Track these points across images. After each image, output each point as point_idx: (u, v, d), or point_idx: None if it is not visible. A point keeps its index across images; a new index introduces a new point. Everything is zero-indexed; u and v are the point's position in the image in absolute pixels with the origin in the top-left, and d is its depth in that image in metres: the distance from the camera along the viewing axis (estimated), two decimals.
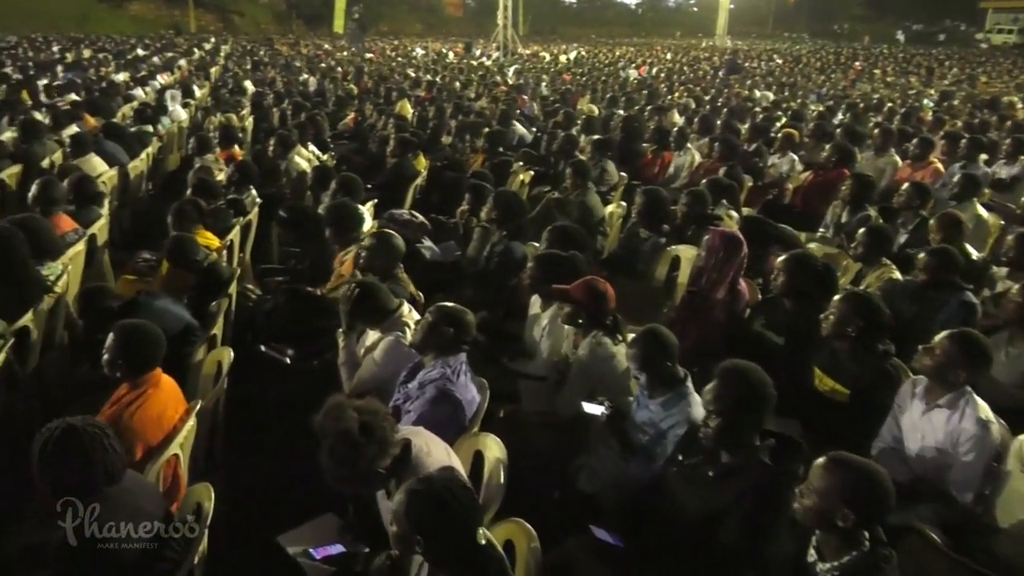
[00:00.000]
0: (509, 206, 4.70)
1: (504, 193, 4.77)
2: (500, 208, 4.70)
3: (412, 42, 37.00)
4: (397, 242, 3.91)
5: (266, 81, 16.34)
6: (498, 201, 4.71)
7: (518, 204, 4.77)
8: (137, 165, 7.47)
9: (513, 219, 4.70)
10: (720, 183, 5.66)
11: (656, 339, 2.93)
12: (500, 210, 4.69)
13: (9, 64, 17.59)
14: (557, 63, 25.12)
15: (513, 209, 4.71)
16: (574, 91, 14.93)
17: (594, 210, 5.68)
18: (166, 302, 3.77)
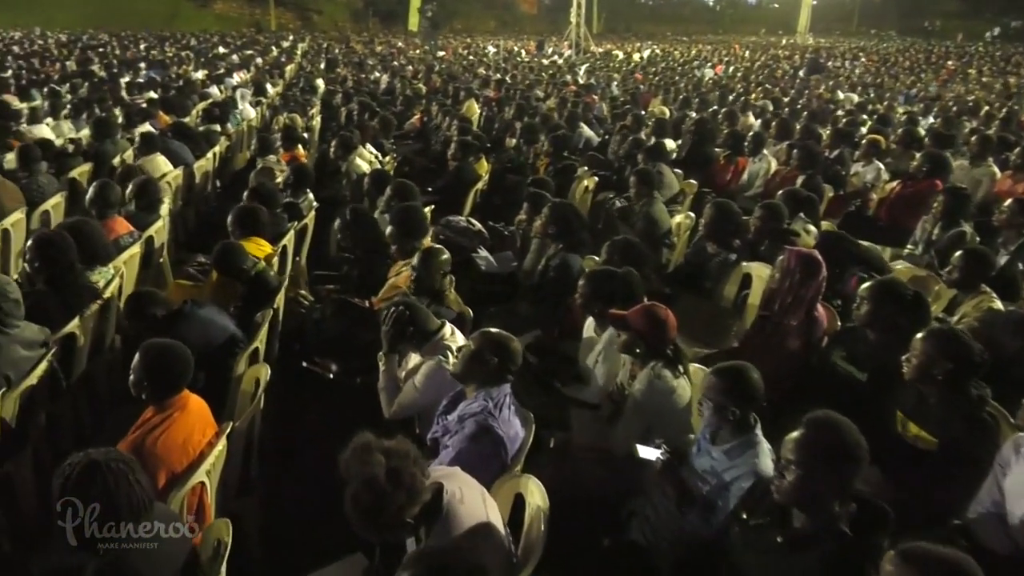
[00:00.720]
0: (566, 219, 4.45)
1: (561, 205, 4.51)
2: (557, 220, 4.45)
3: (485, 40, 37.04)
4: (443, 259, 3.71)
5: (338, 80, 16.50)
6: (555, 213, 4.46)
7: (576, 217, 4.51)
8: (203, 165, 7.51)
9: (571, 232, 4.45)
10: (798, 195, 5.27)
11: (742, 381, 2.61)
12: (557, 223, 4.44)
13: (96, 61, 18.24)
14: (630, 62, 24.66)
15: (571, 222, 4.45)
16: (645, 91, 14.52)
17: (659, 221, 5.36)
18: (212, 312, 3.66)
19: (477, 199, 7.02)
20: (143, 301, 3.86)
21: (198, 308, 3.63)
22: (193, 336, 3.51)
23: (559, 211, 4.47)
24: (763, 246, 4.84)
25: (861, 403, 3.26)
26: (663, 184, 6.60)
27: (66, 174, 6.89)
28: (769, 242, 4.75)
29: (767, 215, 4.78)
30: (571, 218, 4.47)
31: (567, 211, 4.49)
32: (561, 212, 4.46)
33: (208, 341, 3.53)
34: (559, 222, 4.45)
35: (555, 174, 7.08)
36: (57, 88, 12.02)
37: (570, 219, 4.46)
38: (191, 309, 3.61)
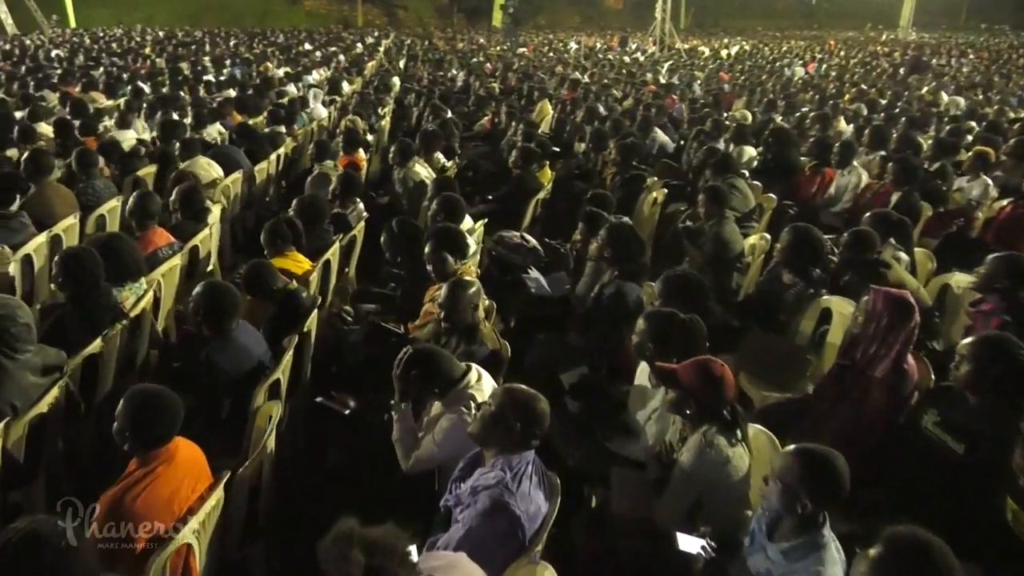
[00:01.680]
0: (624, 242, 4.04)
1: (619, 227, 4.10)
2: (613, 243, 4.04)
3: (568, 36, 36.54)
4: (472, 291, 3.36)
5: (414, 77, 16.40)
6: (611, 235, 4.05)
7: (635, 240, 4.09)
8: (263, 168, 7.40)
9: (628, 258, 4.03)
10: (889, 218, 4.69)
11: (827, 472, 2.17)
12: (613, 246, 4.04)
13: (185, 59, 18.68)
14: (717, 59, 23.75)
15: (629, 245, 4.04)
16: (728, 92, 13.81)
17: (730, 243, 4.88)
18: (249, 337, 3.45)
19: (538, 209, 6.66)
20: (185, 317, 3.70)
21: (238, 333, 3.41)
22: (226, 362, 3.32)
23: (616, 233, 4.06)
24: (846, 277, 4.32)
25: (957, 481, 2.76)
26: (737, 199, 6.09)
27: (131, 175, 6.93)
28: (854, 274, 4.23)
29: (854, 243, 4.25)
30: (629, 241, 4.05)
31: (625, 233, 4.07)
32: (618, 234, 4.05)
33: (239, 368, 3.32)
34: (615, 245, 4.04)
35: (622, 184, 6.65)
36: (140, 86, 12.32)
37: (628, 242, 4.05)
38: (233, 333, 3.38)
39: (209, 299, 3.32)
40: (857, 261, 4.24)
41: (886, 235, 4.59)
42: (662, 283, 3.54)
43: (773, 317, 4.23)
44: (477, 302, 3.37)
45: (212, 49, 23.03)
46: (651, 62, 20.81)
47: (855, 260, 4.25)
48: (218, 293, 3.34)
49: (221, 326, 3.31)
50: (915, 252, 4.79)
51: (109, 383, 3.75)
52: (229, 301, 3.32)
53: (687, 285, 3.50)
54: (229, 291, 3.36)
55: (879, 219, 4.65)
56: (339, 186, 5.39)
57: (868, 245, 4.24)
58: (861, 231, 4.33)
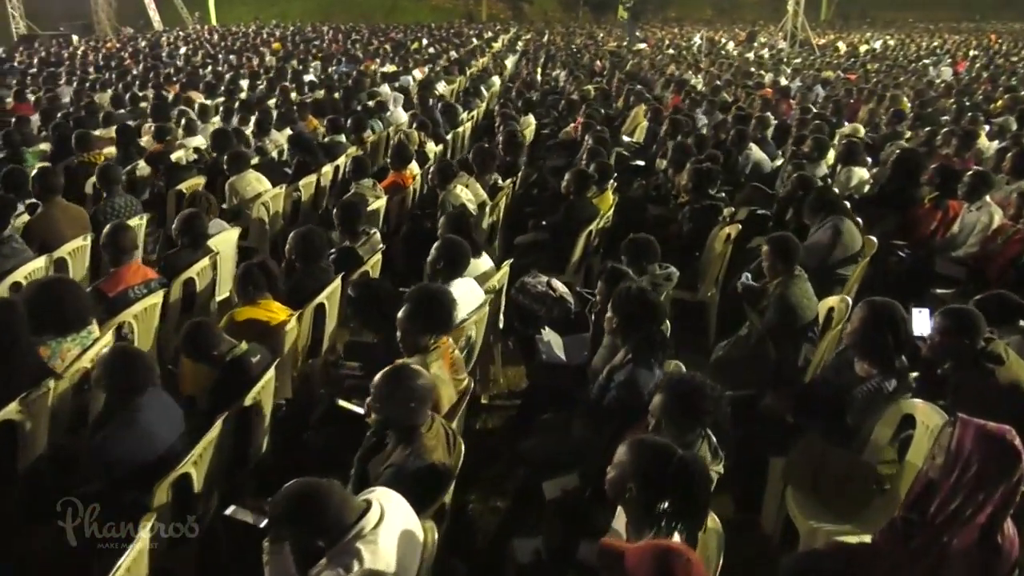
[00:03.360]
0: (632, 314, 3.20)
1: (629, 294, 3.24)
2: (619, 314, 3.22)
3: (695, 30, 34.86)
4: (417, 384, 2.64)
5: (519, 77, 15.78)
6: (619, 303, 3.23)
7: (648, 310, 3.23)
8: (310, 182, 6.98)
9: (640, 330, 3.19)
10: (1009, 302, 3.58)
11: None
12: (620, 316, 3.22)
13: (295, 58, 18.87)
14: (855, 56, 21.71)
15: (640, 319, 3.20)
16: (855, 98, 12.30)
17: (797, 310, 3.91)
18: (161, 414, 2.92)
19: (594, 239, 5.85)
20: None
21: (147, 411, 2.88)
22: (121, 449, 2.80)
23: (625, 301, 3.23)
24: (944, 366, 3.31)
25: None
26: (841, 246, 5.04)
27: (174, 187, 6.69)
28: (955, 367, 3.22)
29: (951, 327, 3.22)
30: (642, 314, 3.21)
31: (638, 303, 3.23)
32: (627, 304, 3.21)
33: (136, 457, 2.79)
34: (624, 317, 3.22)
35: (691, 216, 5.73)
36: (233, 88, 12.36)
37: (639, 315, 3.20)
38: (139, 412, 2.85)
39: (112, 367, 2.81)
40: (958, 349, 3.21)
41: (1004, 315, 3.52)
42: (663, 390, 2.67)
43: (838, 418, 3.28)
44: (422, 398, 2.66)
45: (328, 46, 23.35)
46: (776, 60, 19.19)
47: (956, 348, 3.23)
48: (124, 360, 2.82)
49: (126, 401, 2.79)
50: None
51: (40, 446, 3.34)
52: (138, 370, 2.80)
53: (688, 394, 2.62)
54: (138, 358, 2.84)
55: (995, 300, 3.56)
56: (338, 216, 4.80)
57: (970, 329, 3.20)
58: (960, 311, 3.28)
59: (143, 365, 2.84)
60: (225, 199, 6.38)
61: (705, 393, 2.59)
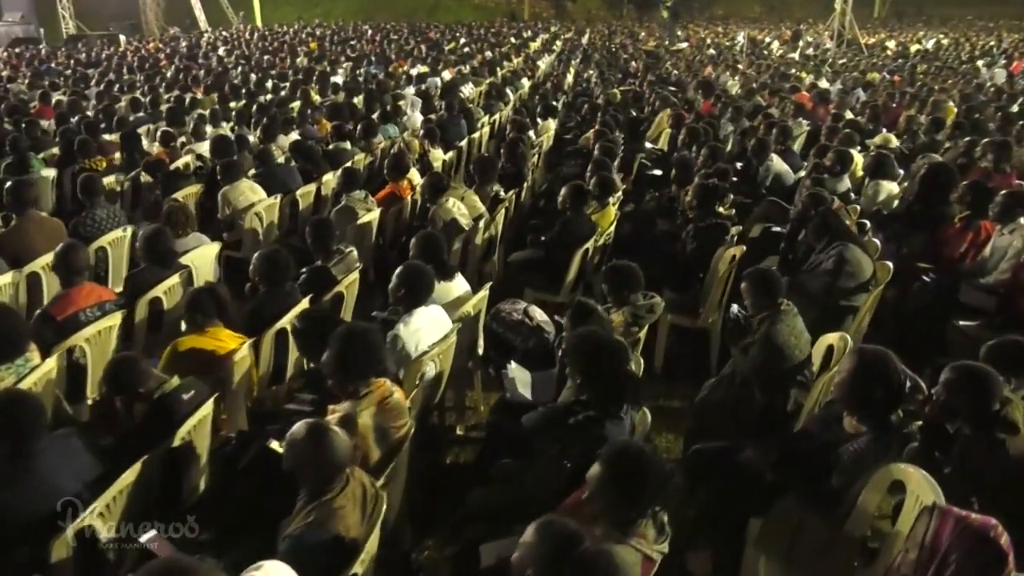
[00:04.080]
0: (588, 361, 2.88)
1: (583, 337, 2.92)
2: (574, 361, 2.90)
3: (740, 27, 34.01)
4: (326, 451, 2.35)
5: (551, 77, 15.44)
6: (571, 351, 2.91)
7: (606, 357, 2.90)
8: (309, 191, 6.78)
9: (598, 378, 2.87)
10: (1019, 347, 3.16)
11: None
12: (574, 364, 2.90)
13: (327, 59, 18.79)
14: (903, 56, 20.83)
15: (596, 365, 2.88)
16: (897, 102, 11.68)
17: (785, 350, 3.53)
18: (62, 461, 2.71)
19: (592, 257, 5.53)
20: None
21: (47, 458, 2.67)
22: (14, 503, 2.59)
23: (580, 348, 2.91)
24: (951, 428, 2.92)
25: None
26: (846, 274, 4.63)
27: (170, 195, 6.56)
28: (958, 436, 2.82)
29: (961, 385, 2.82)
30: (599, 361, 2.89)
31: (593, 348, 2.91)
32: (582, 350, 2.90)
33: (32, 510, 2.58)
34: (579, 364, 2.90)
35: (695, 235, 5.36)
36: (255, 90, 12.29)
37: (597, 362, 2.88)
38: (35, 460, 2.63)
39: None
40: (963, 412, 2.82)
41: (1017, 363, 3.10)
42: (602, 462, 2.34)
43: (821, 480, 2.92)
44: (333, 464, 2.37)
45: (364, 45, 23.30)
46: (820, 61, 18.47)
47: (960, 407, 2.83)
48: (10, 405, 2.61)
49: (17, 449, 2.58)
50: None
51: None
52: (26, 415, 2.59)
53: (632, 479, 2.28)
54: (24, 402, 2.63)
55: (1010, 350, 3.14)
56: (310, 234, 4.57)
57: (983, 389, 2.80)
58: (972, 369, 2.88)
59: (32, 409, 2.61)
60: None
61: (647, 473, 2.27)
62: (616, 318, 3.91)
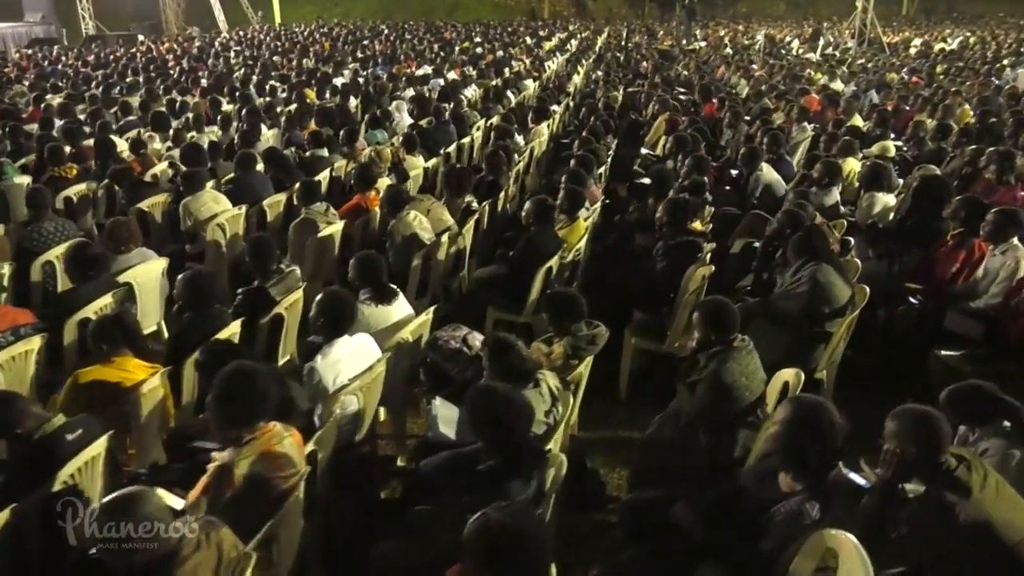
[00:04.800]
0: (488, 422, 2.61)
1: (485, 398, 2.64)
2: (475, 421, 2.64)
3: (765, 25, 33.42)
4: (136, 521, 2.07)
5: (557, 79, 15.13)
6: (472, 409, 2.65)
7: (504, 428, 2.62)
8: (279, 200, 6.58)
9: (498, 453, 2.61)
10: (987, 396, 2.84)
11: None
12: (475, 423, 2.64)
13: (333, 60, 18.60)
14: (927, 55, 20.21)
15: (494, 435, 2.61)
16: (910, 106, 11.22)
17: (734, 391, 3.23)
18: None
19: (562, 273, 5.27)
20: None
21: None
22: None
23: (476, 405, 2.64)
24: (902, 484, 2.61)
25: None
26: (819, 295, 4.30)
27: (136, 204, 6.41)
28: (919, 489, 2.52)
29: (902, 432, 2.51)
30: (494, 427, 2.62)
31: (491, 413, 2.64)
32: (479, 411, 2.63)
33: None
34: (479, 424, 2.64)
35: (664, 252, 5.07)
36: (249, 94, 12.13)
37: (493, 428, 2.62)
38: None
39: None
40: (908, 469, 2.52)
41: (978, 412, 2.79)
42: (476, 533, 2.07)
43: (751, 542, 2.63)
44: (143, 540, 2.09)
45: (375, 46, 23.14)
46: (837, 61, 17.95)
47: (905, 466, 2.53)
48: None
49: None
50: None
51: None
52: None
53: (502, 556, 2.01)
54: None
55: (966, 395, 2.82)
56: (248, 253, 4.35)
57: (930, 442, 2.50)
58: (914, 414, 2.56)
59: None
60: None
61: (520, 552, 2.01)
62: (556, 349, 3.64)
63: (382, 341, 3.92)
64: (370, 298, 4.02)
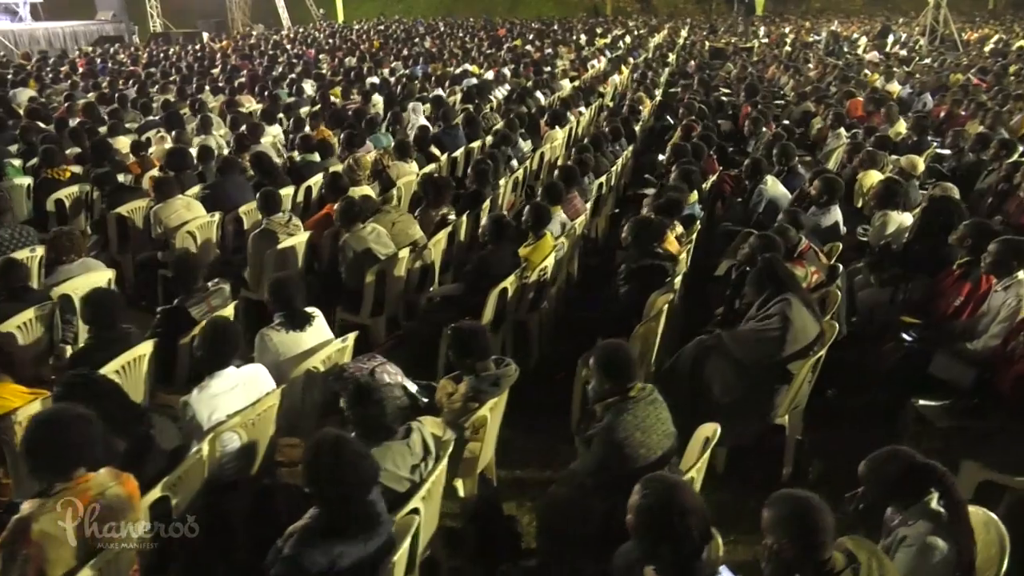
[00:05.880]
0: (319, 480, 2.32)
1: (319, 446, 2.35)
2: (306, 476, 2.35)
3: (833, 21, 32.01)
4: None
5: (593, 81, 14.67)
6: (305, 462, 2.35)
7: (330, 465, 2.32)
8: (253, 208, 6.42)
9: (332, 498, 2.32)
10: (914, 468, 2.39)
11: None
12: (306, 480, 2.35)
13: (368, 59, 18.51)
14: (1007, 52, 18.86)
15: (327, 482, 2.31)
16: (964, 112, 10.38)
17: (626, 450, 2.84)
18: None
19: (527, 293, 4.94)
20: None
21: None
22: None
23: (313, 459, 2.35)
24: None
25: None
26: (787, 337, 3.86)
27: (115, 208, 6.37)
28: None
29: (777, 523, 2.12)
30: (327, 470, 2.32)
31: (324, 455, 2.34)
32: (315, 465, 2.34)
33: None
34: (309, 481, 2.36)
35: (627, 277, 4.67)
36: (278, 93, 12.13)
37: (327, 472, 2.32)
38: None
39: None
40: (788, 560, 2.12)
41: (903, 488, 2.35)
42: None
43: None
44: None
45: (424, 43, 23.05)
46: (898, 61, 16.91)
47: (786, 559, 2.13)
48: None
49: None
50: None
51: None
52: None
53: None
54: None
55: (883, 465, 2.38)
56: (172, 270, 4.16)
57: (805, 533, 2.09)
58: (790, 502, 2.16)
59: None
60: None
61: None
62: (460, 388, 3.33)
63: (291, 369, 3.69)
64: (281, 324, 3.78)
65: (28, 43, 24.20)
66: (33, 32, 25.31)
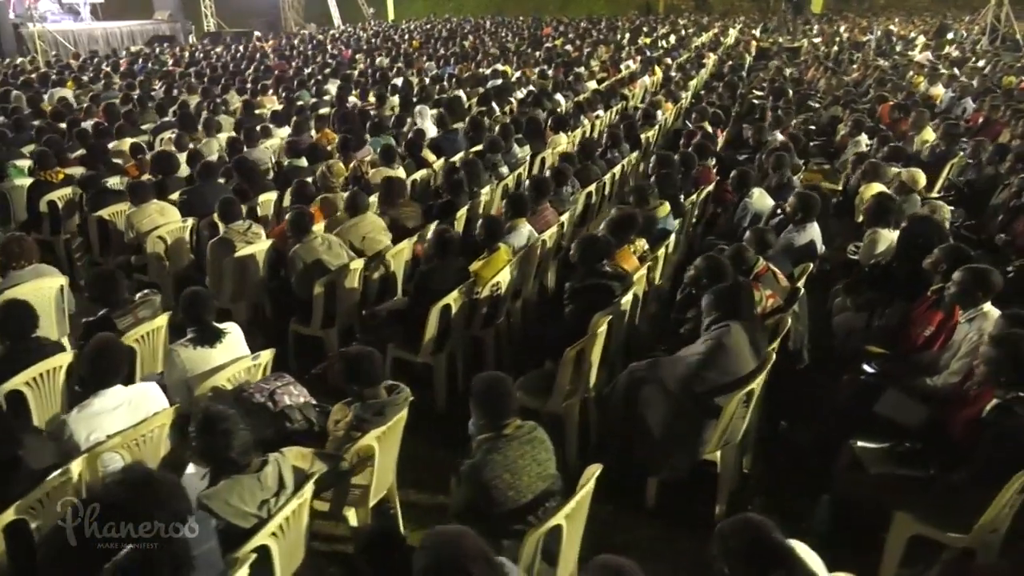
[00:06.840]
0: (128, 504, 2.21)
1: (125, 481, 2.23)
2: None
3: (892, 20, 30.78)
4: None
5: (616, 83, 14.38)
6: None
7: (132, 498, 2.20)
8: None
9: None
10: None
11: None
12: None
13: (399, 58, 18.51)
14: None
15: (129, 506, 2.20)
16: (1001, 117, 9.77)
17: (493, 492, 2.66)
18: None
19: (479, 309, 4.78)
20: None
21: None
22: None
23: (125, 478, 2.24)
24: None
25: None
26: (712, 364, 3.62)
27: (97, 211, 6.45)
28: None
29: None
30: (131, 504, 2.21)
31: (128, 489, 2.23)
32: (115, 485, 2.23)
33: None
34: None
35: (572, 296, 4.46)
36: (299, 94, 12.20)
37: (133, 505, 2.21)
38: None
39: None
40: None
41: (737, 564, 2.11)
42: None
43: None
44: None
45: (463, 43, 22.98)
46: (948, 62, 16.08)
47: None
48: None
49: None
50: None
51: None
52: None
53: None
54: None
55: (730, 536, 2.15)
56: (95, 289, 4.13)
57: None
58: (605, 570, 1.96)
59: None
60: None
61: None
62: (348, 415, 3.21)
63: (197, 386, 3.62)
64: (191, 339, 3.71)
65: (87, 43, 25.03)
66: (92, 32, 26.18)
